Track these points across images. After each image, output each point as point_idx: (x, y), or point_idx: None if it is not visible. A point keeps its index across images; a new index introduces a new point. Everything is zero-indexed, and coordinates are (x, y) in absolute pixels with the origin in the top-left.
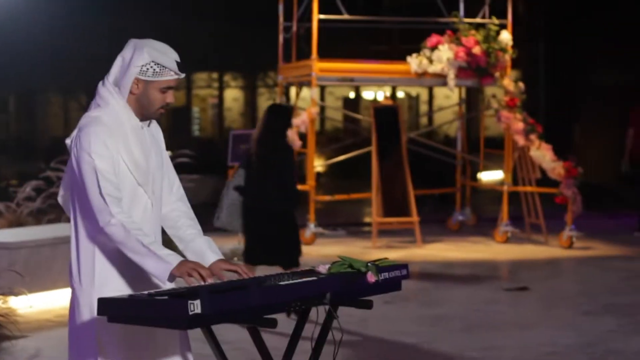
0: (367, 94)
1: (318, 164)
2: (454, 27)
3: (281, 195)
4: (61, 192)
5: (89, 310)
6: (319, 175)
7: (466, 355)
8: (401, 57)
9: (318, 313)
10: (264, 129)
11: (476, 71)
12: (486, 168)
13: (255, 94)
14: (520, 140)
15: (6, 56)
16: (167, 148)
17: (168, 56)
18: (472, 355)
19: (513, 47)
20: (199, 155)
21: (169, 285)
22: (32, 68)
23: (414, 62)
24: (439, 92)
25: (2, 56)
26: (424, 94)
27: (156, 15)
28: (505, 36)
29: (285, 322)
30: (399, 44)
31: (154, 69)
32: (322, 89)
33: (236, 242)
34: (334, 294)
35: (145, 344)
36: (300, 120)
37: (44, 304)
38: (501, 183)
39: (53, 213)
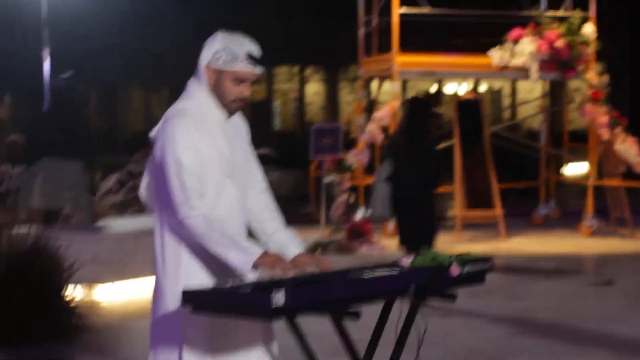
0: (449, 88)
1: None
2: (536, 20)
3: (426, 184)
4: (143, 184)
5: (173, 301)
6: None
7: (554, 349)
8: (482, 51)
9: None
10: (408, 120)
11: (559, 64)
12: (570, 162)
13: (336, 88)
14: (605, 134)
15: (86, 51)
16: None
17: (242, 47)
18: (560, 348)
19: (596, 40)
20: (280, 149)
21: (251, 277)
22: (112, 63)
23: (496, 55)
24: (522, 85)
25: (82, 51)
26: (506, 88)
27: (239, 8)
28: (588, 29)
29: (370, 314)
30: (480, 38)
31: (225, 58)
32: (404, 83)
33: (319, 235)
34: (418, 287)
35: (229, 335)
36: (383, 114)
37: (127, 294)
38: (586, 177)
39: (135, 205)
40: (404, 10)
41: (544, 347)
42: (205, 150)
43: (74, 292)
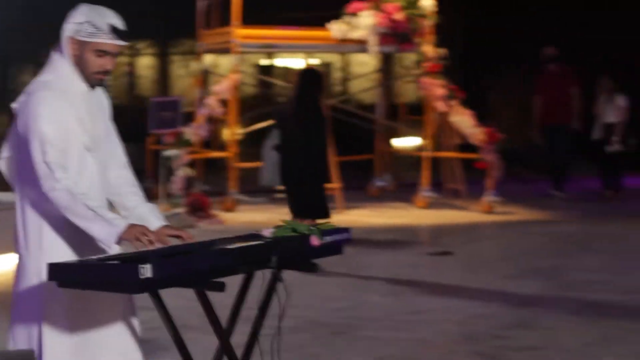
0: (281, 62)
1: (238, 132)
2: None
3: (314, 153)
4: (3, 157)
5: (36, 277)
6: (239, 142)
7: (395, 319)
8: (320, 24)
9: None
10: (300, 91)
11: (397, 37)
12: (406, 134)
13: (167, 61)
14: (441, 106)
15: None
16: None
17: (105, 19)
18: (402, 318)
19: (435, 13)
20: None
21: (115, 250)
22: None
23: (336, 28)
24: (354, 59)
25: None
26: (337, 62)
27: None
28: (427, 2)
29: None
30: (318, 11)
31: (88, 30)
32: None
33: (173, 210)
34: (280, 258)
35: (90, 310)
36: (223, 87)
37: None
38: (420, 149)
39: None
40: None
41: (387, 317)
42: (67, 123)
43: None
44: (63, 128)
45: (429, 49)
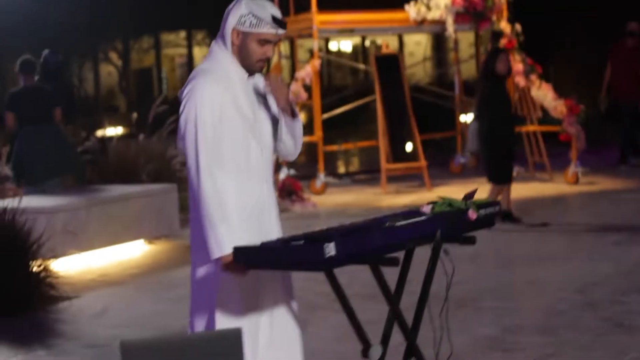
0: (339, 45)
1: (324, 115)
2: None
3: (504, 120)
4: (179, 144)
5: (205, 268)
6: (324, 125)
7: (515, 289)
8: (399, 5)
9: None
10: (485, 66)
11: (474, 16)
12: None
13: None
14: (521, 81)
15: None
16: (135, 109)
17: (266, 10)
18: (520, 288)
19: None
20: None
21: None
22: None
23: (413, 10)
24: (409, 39)
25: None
26: (393, 42)
27: None
28: None
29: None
30: None
31: (251, 21)
32: (292, 41)
33: None
34: (443, 232)
35: (258, 295)
36: (305, 73)
37: (82, 265)
38: None
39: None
40: None
41: (504, 288)
42: (225, 106)
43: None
44: (219, 111)
45: (505, 25)
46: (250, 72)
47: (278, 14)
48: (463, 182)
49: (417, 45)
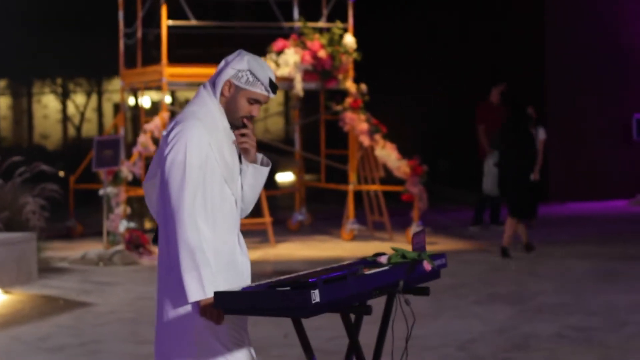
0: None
1: None
2: (299, 31)
3: (527, 166)
4: (147, 180)
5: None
6: None
7: (396, 346)
8: None
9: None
10: (512, 117)
11: (321, 74)
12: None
13: (102, 99)
14: (366, 141)
15: None
16: (14, 153)
17: (265, 71)
18: (398, 344)
19: (356, 50)
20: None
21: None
22: None
23: None
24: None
25: None
26: None
27: None
28: (349, 39)
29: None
30: (246, 48)
31: (248, 78)
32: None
33: (101, 247)
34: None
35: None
36: (153, 125)
37: None
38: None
39: None
40: (172, 22)
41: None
42: (211, 154)
43: None
44: (206, 156)
45: (350, 84)
46: (231, 125)
47: (274, 77)
48: (305, 239)
49: (271, 100)
